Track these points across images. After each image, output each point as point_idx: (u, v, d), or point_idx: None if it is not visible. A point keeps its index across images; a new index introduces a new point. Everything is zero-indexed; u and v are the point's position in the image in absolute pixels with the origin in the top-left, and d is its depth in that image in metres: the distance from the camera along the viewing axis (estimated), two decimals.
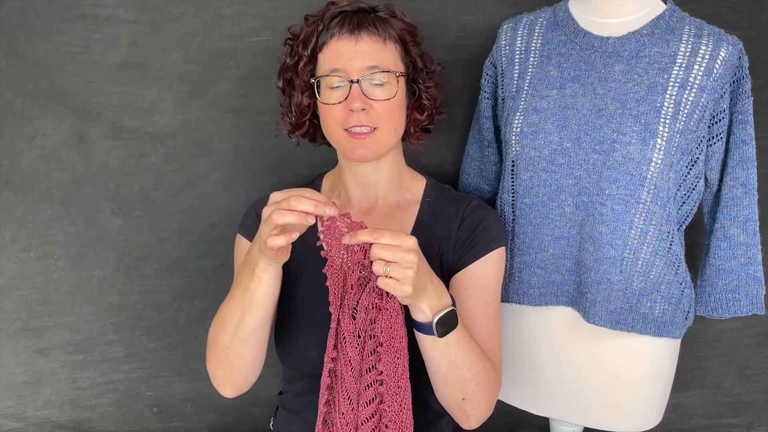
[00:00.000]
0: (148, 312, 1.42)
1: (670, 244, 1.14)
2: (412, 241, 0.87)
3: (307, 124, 1.12)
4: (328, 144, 1.13)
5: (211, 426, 1.50)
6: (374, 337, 0.92)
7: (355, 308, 0.93)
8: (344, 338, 0.93)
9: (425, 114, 1.12)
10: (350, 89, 1.01)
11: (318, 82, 1.04)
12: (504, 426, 1.53)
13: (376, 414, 0.94)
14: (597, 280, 1.14)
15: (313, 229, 1.10)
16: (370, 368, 0.93)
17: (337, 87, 1.02)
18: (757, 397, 1.58)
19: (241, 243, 1.14)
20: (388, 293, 0.90)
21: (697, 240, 1.34)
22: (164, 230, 1.38)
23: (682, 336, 1.22)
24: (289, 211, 0.84)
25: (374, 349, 0.93)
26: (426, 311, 0.91)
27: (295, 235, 0.87)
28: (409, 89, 1.09)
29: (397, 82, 1.04)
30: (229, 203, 1.38)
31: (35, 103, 1.31)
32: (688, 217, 1.19)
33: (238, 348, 1.00)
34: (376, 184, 1.11)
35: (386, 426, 0.93)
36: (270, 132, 1.33)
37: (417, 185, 1.16)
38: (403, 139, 1.14)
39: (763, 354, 1.55)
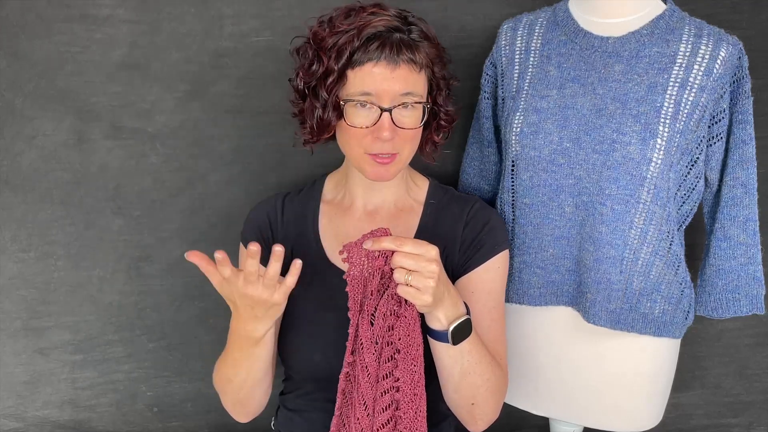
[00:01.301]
0: (148, 312, 1.41)
1: (670, 244, 1.14)
2: (435, 251, 0.87)
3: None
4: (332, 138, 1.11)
5: (211, 426, 1.50)
6: (392, 344, 0.92)
7: (373, 314, 0.93)
8: (362, 344, 0.94)
9: (440, 135, 1.12)
10: (380, 116, 0.98)
11: (344, 105, 1.00)
12: (504, 426, 1.53)
13: (391, 420, 0.94)
14: (597, 280, 1.14)
15: (314, 235, 1.11)
16: (386, 375, 0.93)
17: (364, 106, 0.99)
18: (757, 397, 1.58)
19: (245, 253, 1.13)
20: (406, 301, 0.91)
21: (697, 240, 1.34)
22: (164, 230, 1.38)
23: (682, 336, 1.22)
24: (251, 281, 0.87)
25: (391, 356, 0.93)
26: (442, 320, 0.92)
27: (299, 262, 0.89)
28: (430, 111, 1.07)
29: (424, 110, 1.02)
30: (229, 203, 1.38)
31: (35, 103, 1.31)
32: (688, 217, 1.19)
33: (248, 393, 1.05)
34: (383, 188, 1.11)
35: None
36: (270, 132, 1.33)
37: (420, 187, 1.16)
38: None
39: (763, 354, 1.55)
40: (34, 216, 1.35)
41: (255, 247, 0.85)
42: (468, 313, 0.95)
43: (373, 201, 1.12)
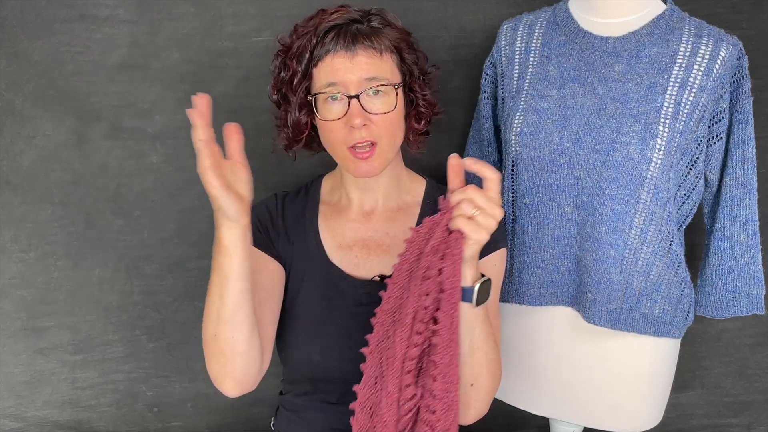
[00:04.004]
0: (148, 312, 1.42)
1: (670, 244, 1.14)
2: (500, 201, 0.88)
3: (305, 139, 1.11)
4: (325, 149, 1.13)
5: (211, 426, 1.50)
6: (438, 283, 0.90)
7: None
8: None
9: (422, 122, 1.11)
10: (349, 105, 0.99)
11: (315, 98, 1.02)
12: (504, 426, 1.53)
13: (424, 364, 0.92)
14: (597, 280, 1.14)
15: (314, 234, 1.11)
16: (423, 315, 0.91)
17: (335, 101, 1.00)
18: (757, 397, 1.58)
19: None
20: (455, 241, 0.89)
21: (697, 240, 1.34)
22: (164, 230, 1.38)
23: (682, 336, 1.23)
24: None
25: (431, 294, 0.91)
26: (468, 277, 0.91)
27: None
28: (406, 98, 1.08)
29: (396, 93, 1.02)
30: None
31: (35, 103, 1.31)
32: (688, 217, 1.19)
33: (224, 332, 0.96)
34: (376, 188, 1.11)
35: (434, 379, 0.91)
36: (270, 132, 1.33)
37: (417, 187, 1.16)
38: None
39: (763, 354, 1.55)
40: (34, 216, 1.35)
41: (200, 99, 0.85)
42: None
43: (369, 202, 1.12)
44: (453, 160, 0.90)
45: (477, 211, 0.86)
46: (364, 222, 1.11)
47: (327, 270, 1.09)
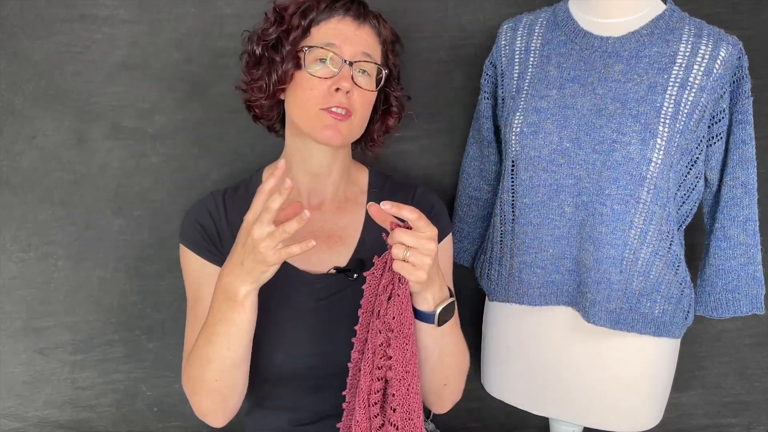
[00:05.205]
0: (148, 312, 1.41)
1: (670, 244, 1.14)
2: (434, 231, 0.87)
3: (275, 103, 1.09)
4: (276, 131, 1.15)
5: (210, 426, 1.49)
6: (384, 322, 0.93)
7: (378, 313, 0.94)
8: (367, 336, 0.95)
9: (393, 120, 1.14)
10: (340, 69, 1.01)
11: (306, 51, 1.01)
12: (504, 426, 1.53)
13: (382, 396, 0.95)
14: (597, 279, 1.14)
15: None
16: (377, 353, 0.94)
17: (324, 62, 1.01)
18: (757, 397, 1.58)
19: (188, 255, 1.09)
20: (399, 279, 0.91)
21: (697, 240, 1.34)
22: (164, 230, 1.38)
23: (682, 336, 1.23)
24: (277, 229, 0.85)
25: (383, 332, 0.93)
26: (430, 301, 0.93)
27: (312, 243, 0.86)
28: (381, 94, 1.11)
29: (379, 79, 1.06)
30: None
31: (35, 103, 1.30)
32: (688, 217, 1.19)
33: (227, 378, 0.97)
34: (327, 175, 1.10)
35: (394, 410, 0.93)
36: (270, 132, 1.33)
37: (361, 176, 1.17)
38: (360, 144, 1.16)
39: (763, 354, 1.55)
40: (34, 216, 1.35)
41: (288, 184, 0.85)
42: (452, 295, 0.97)
43: (317, 192, 1.11)
44: (371, 209, 0.89)
45: (408, 252, 0.86)
46: (312, 215, 1.09)
47: (281, 269, 1.07)
